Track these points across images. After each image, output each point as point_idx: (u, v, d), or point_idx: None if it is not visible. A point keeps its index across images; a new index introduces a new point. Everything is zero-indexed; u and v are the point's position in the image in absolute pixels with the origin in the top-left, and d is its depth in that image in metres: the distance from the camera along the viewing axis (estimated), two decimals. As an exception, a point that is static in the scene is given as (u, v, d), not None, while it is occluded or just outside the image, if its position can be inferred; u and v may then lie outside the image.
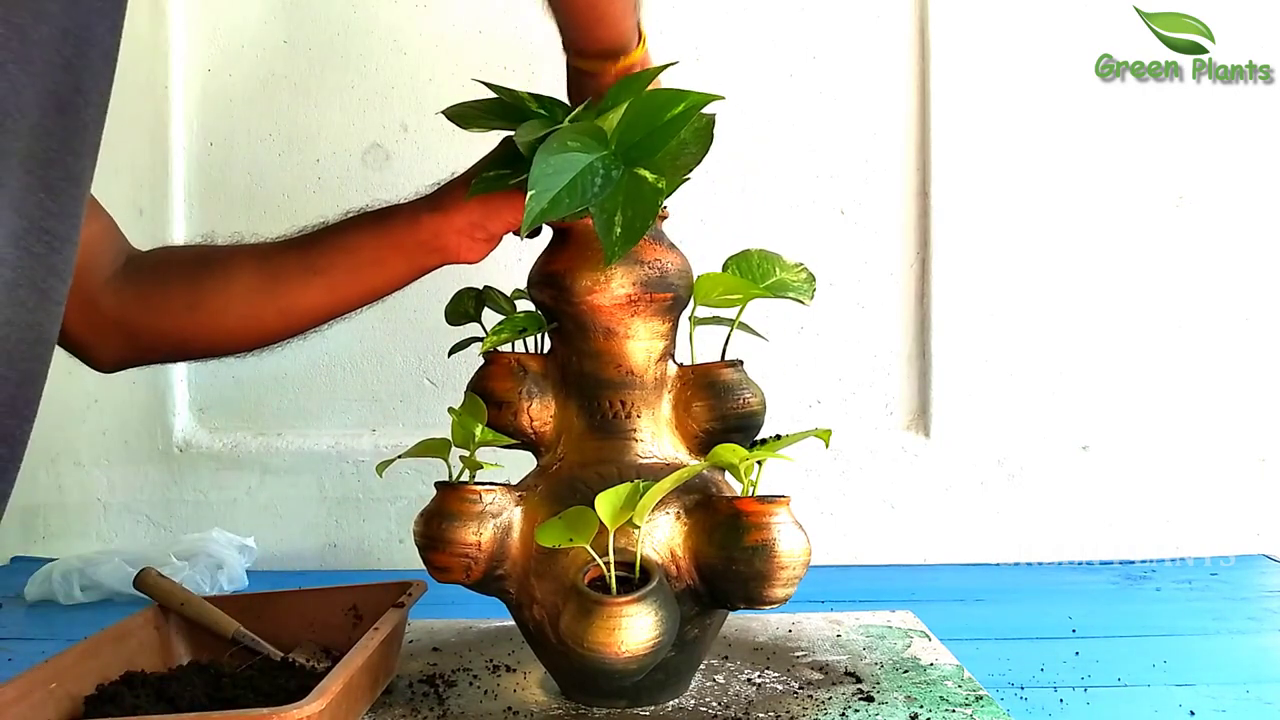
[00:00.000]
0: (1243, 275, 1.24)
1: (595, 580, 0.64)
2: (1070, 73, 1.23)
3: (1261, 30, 1.22)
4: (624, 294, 0.70)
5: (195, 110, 1.26)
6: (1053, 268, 1.23)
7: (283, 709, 0.55)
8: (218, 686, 0.68)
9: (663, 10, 1.24)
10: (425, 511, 0.69)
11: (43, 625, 1.01)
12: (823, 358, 1.25)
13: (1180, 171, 1.23)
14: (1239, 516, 1.23)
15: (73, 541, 1.23)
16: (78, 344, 0.74)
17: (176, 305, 0.74)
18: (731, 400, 0.74)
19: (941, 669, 0.78)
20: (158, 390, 1.25)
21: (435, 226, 0.73)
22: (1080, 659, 0.84)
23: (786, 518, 0.65)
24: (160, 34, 1.23)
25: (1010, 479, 1.23)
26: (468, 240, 0.73)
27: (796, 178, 1.25)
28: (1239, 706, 0.73)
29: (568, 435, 0.75)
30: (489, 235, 0.73)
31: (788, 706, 0.70)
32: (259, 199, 1.26)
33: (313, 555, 1.24)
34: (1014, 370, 1.24)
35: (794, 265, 0.78)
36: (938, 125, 1.23)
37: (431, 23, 1.25)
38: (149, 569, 0.79)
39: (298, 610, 0.81)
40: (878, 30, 1.25)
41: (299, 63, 1.26)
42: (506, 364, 0.75)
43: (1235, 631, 0.93)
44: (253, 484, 1.25)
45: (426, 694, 0.74)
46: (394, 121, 1.25)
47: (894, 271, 1.25)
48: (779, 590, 0.64)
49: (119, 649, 0.71)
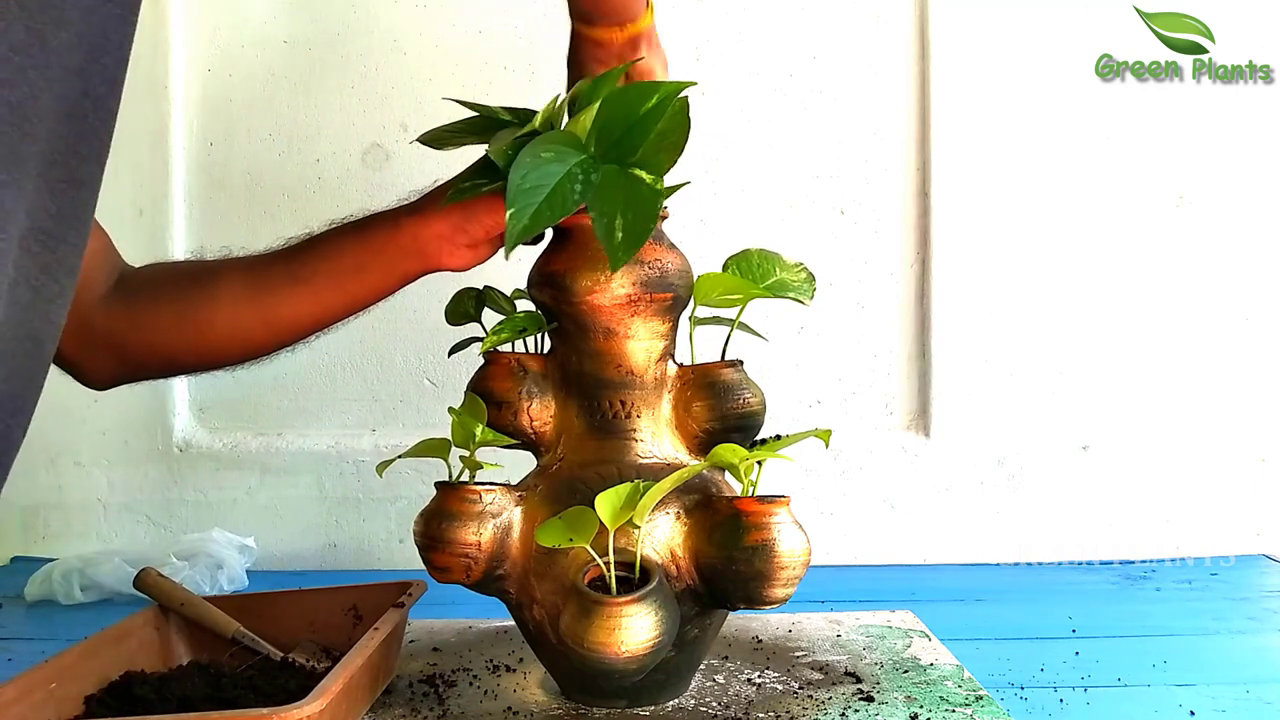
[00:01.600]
0: (1243, 275, 1.24)
1: (595, 580, 0.64)
2: (1070, 73, 1.23)
3: (1261, 30, 1.22)
4: (624, 294, 0.70)
5: (195, 110, 1.26)
6: (1053, 268, 1.23)
7: (283, 709, 0.55)
8: (218, 686, 0.68)
9: (663, 10, 1.23)
10: (425, 511, 0.69)
11: (43, 625, 1.01)
12: (823, 358, 1.25)
13: (1180, 171, 1.23)
14: (1239, 516, 1.23)
15: (73, 541, 1.23)
16: (70, 362, 0.74)
17: (164, 320, 0.74)
18: (731, 400, 0.74)
19: (941, 669, 0.78)
20: (158, 390, 1.24)
21: (414, 230, 0.73)
22: (1080, 659, 0.84)
23: (786, 518, 0.65)
24: (160, 34, 1.23)
25: (1010, 479, 1.23)
26: (448, 245, 0.73)
27: (796, 178, 1.25)
28: (1239, 706, 0.73)
29: (568, 435, 0.75)
30: (471, 240, 0.73)
31: (788, 706, 0.70)
32: (259, 199, 1.26)
33: (313, 555, 1.24)
34: (1014, 370, 1.24)
35: (794, 265, 0.78)
36: (938, 125, 1.23)
37: (431, 23, 1.25)
38: (149, 569, 0.79)
39: (298, 610, 0.81)
40: (878, 30, 1.25)
41: (299, 63, 1.26)
42: (506, 364, 0.75)
43: (1235, 631, 0.93)
44: (253, 484, 1.25)
45: (426, 694, 0.74)
46: (394, 121, 1.25)
47: (894, 271, 1.25)
48: (779, 590, 0.64)
49: (119, 649, 0.71)
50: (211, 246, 1.22)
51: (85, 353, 0.73)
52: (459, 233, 0.72)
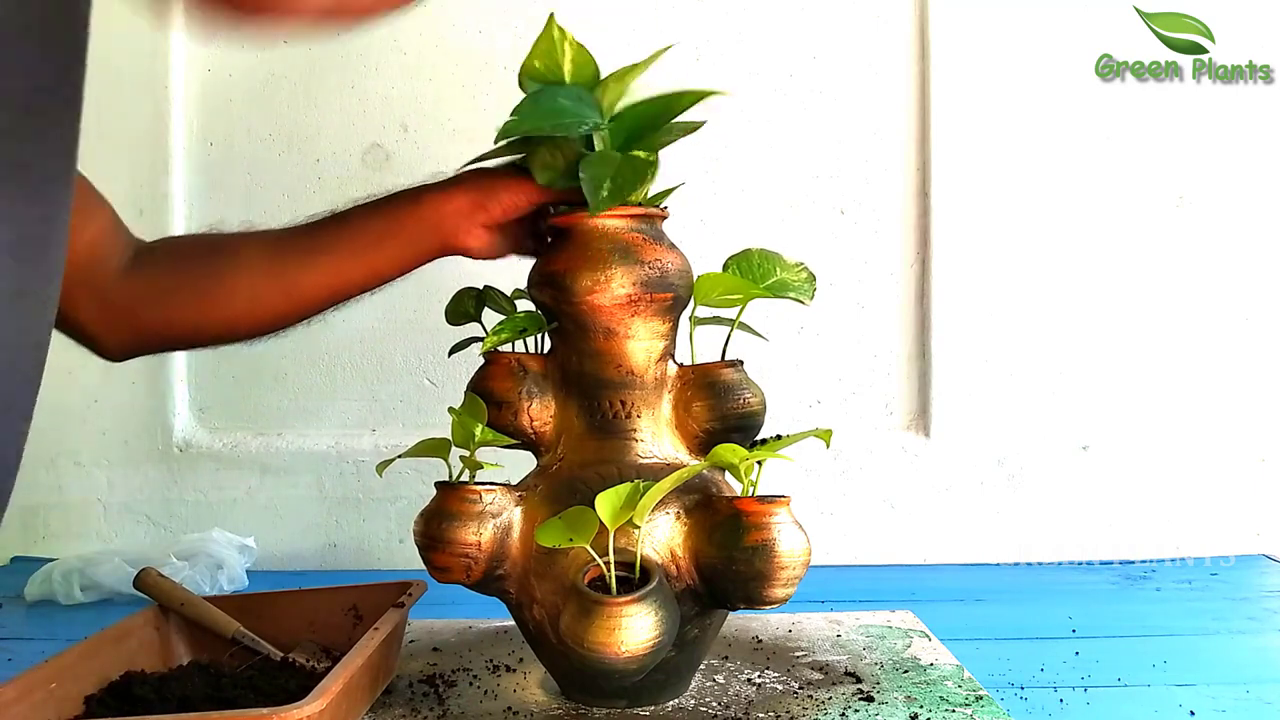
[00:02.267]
0: (1243, 275, 1.24)
1: (595, 580, 0.64)
2: (1070, 73, 1.23)
3: (1261, 30, 1.22)
4: (624, 294, 0.70)
5: (195, 110, 1.26)
6: (1052, 268, 1.23)
7: (283, 709, 0.55)
8: (218, 686, 0.68)
9: (663, 10, 1.24)
10: (425, 511, 0.69)
11: (43, 625, 1.01)
12: (823, 358, 1.25)
13: (1180, 171, 1.23)
14: (1239, 516, 1.23)
15: (73, 541, 1.23)
16: (88, 335, 0.75)
17: (186, 292, 0.75)
18: (731, 400, 0.74)
19: (941, 669, 0.78)
20: (158, 390, 1.25)
21: (435, 204, 0.74)
22: (1080, 659, 0.84)
23: (786, 518, 0.65)
24: (160, 34, 1.23)
25: (1010, 479, 1.23)
26: (466, 223, 0.74)
27: (796, 177, 1.25)
28: (1239, 706, 0.73)
29: (568, 435, 0.75)
30: (489, 218, 0.74)
31: (788, 706, 0.70)
32: (259, 199, 1.26)
33: (313, 555, 1.24)
34: (1014, 370, 1.24)
35: (794, 265, 0.78)
36: (938, 125, 1.23)
37: (431, 23, 1.25)
38: (149, 569, 0.79)
39: (298, 610, 0.81)
40: (878, 30, 1.25)
41: (299, 63, 1.26)
42: (506, 364, 0.75)
43: (1235, 631, 0.93)
44: (253, 484, 1.25)
45: (426, 694, 0.74)
46: (394, 121, 1.25)
47: (894, 271, 1.25)
48: (779, 590, 0.64)
49: (119, 649, 0.71)
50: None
51: (104, 326, 0.74)
52: (478, 209, 0.74)
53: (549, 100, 0.70)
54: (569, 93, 0.71)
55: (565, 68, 0.73)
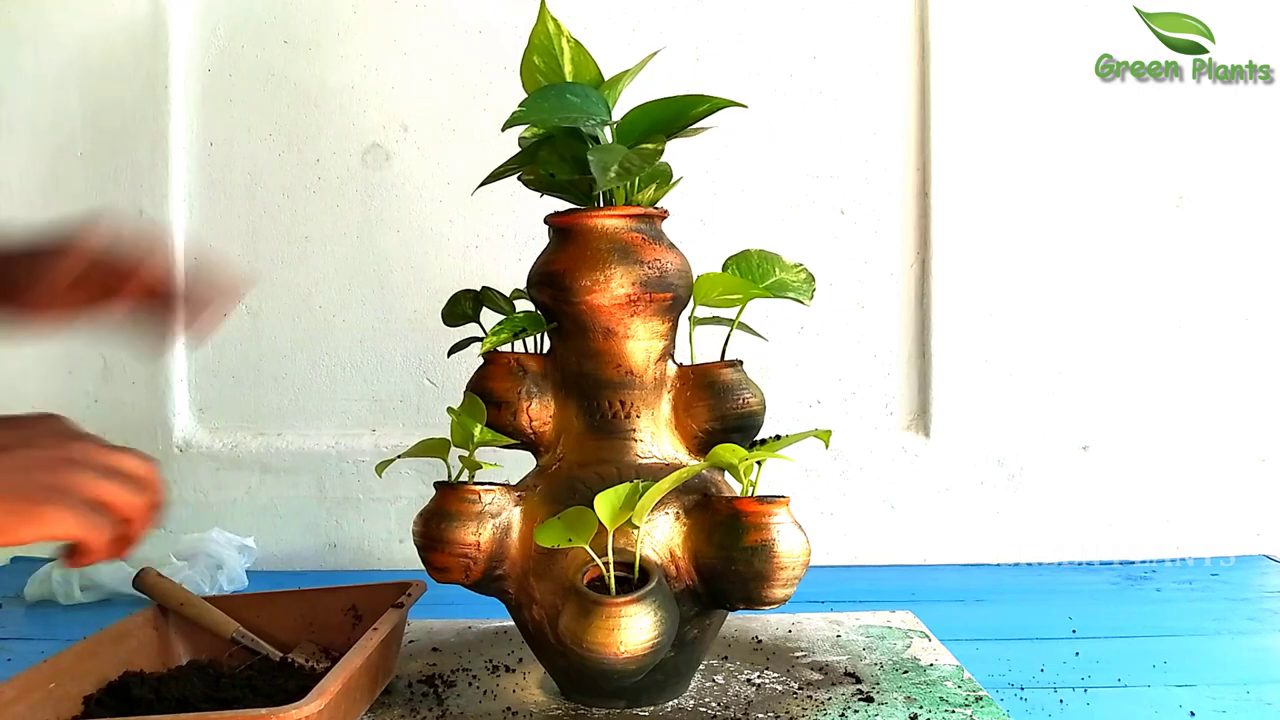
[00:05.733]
0: (1243, 275, 1.24)
1: (594, 580, 0.64)
2: (1070, 73, 1.23)
3: (1261, 30, 1.22)
4: (624, 294, 0.70)
5: (195, 110, 1.26)
6: (1052, 268, 1.23)
7: (282, 709, 0.55)
8: (217, 686, 0.69)
9: (663, 10, 1.24)
10: (425, 511, 0.69)
11: (42, 625, 1.01)
12: (823, 358, 1.25)
13: (1180, 171, 1.23)
14: (1239, 516, 1.23)
15: (72, 541, 1.23)
16: None
17: None
18: (731, 400, 0.74)
19: (941, 669, 0.78)
20: (158, 390, 1.25)
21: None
22: (1080, 659, 0.84)
23: (786, 518, 0.65)
24: (160, 34, 1.23)
25: (1010, 479, 1.23)
26: None
27: (796, 178, 1.25)
28: (1239, 706, 0.73)
29: (567, 435, 0.75)
30: None
31: (787, 707, 0.70)
32: (259, 199, 1.26)
33: (312, 555, 1.24)
34: (1014, 370, 1.24)
35: (794, 265, 0.78)
36: (938, 125, 1.23)
37: (431, 23, 1.25)
38: (148, 569, 0.79)
39: (297, 610, 0.81)
40: (878, 30, 1.25)
41: (299, 63, 1.26)
42: (506, 364, 0.75)
43: (1235, 631, 0.93)
44: (253, 484, 1.25)
45: (426, 694, 0.74)
46: (394, 121, 1.25)
47: (894, 271, 1.25)
48: (778, 590, 0.64)
49: (118, 649, 0.71)
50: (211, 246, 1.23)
51: None
52: None
53: (557, 95, 0.70)
54: (576, 89, 0.71)
55: (565, 69, 0.73)
